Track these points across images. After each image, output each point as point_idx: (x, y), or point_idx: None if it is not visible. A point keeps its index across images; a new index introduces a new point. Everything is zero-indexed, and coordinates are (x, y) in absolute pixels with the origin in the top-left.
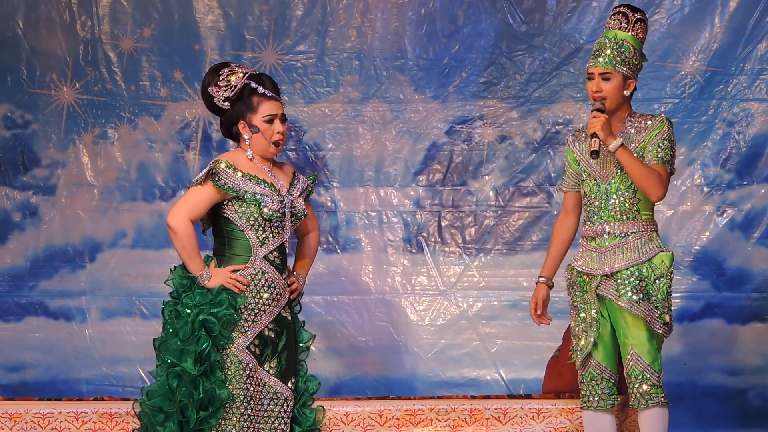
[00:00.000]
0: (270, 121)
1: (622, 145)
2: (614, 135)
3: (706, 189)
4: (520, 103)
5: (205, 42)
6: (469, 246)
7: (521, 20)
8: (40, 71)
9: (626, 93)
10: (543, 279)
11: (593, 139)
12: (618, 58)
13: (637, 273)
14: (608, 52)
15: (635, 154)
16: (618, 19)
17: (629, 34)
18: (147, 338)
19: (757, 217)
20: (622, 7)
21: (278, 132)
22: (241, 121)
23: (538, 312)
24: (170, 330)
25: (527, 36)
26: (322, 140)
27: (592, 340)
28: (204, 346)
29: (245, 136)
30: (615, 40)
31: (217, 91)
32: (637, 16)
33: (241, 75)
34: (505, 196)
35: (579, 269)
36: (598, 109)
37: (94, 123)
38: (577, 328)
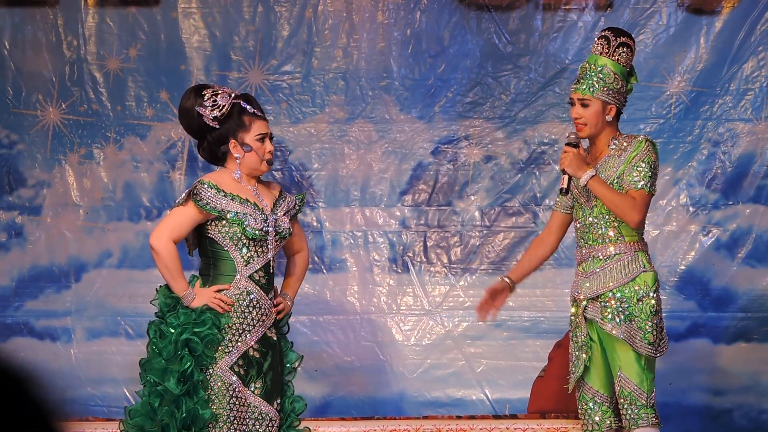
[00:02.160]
0: (261, 140)
1: (593, 176)
2: (584, 168)
3: (691, 209)
4: (505, 123)
5: (191, 62)
6: (455, 266)
7: (507, 40)
8: (25, 91)
9: (607, 118)
10: (506, 278)
11: (563, 176)
12: (597, 85)
13: (619, 295)
14: (588, 78)
15: (616, 177)
16: (601, 44)
17: (609, 59)
18: (133, 358)
19: (742, 236)
20: (606, 31)
21: (269, 151)
22: (233, 140)
23: (483, 299)
24: (154, 349)
25: (513, 56)
26: (308, 160)
27: (582, 363)
28: (187, 366)
29: (236, 156)
30: (595, 65)
31: (205, 111)
32: (620, 40)
33: (228, 95)
34: (491, 216)
35: (571, 293)
36: (569, 144)
37: (80, 143)
38: (572, 353)
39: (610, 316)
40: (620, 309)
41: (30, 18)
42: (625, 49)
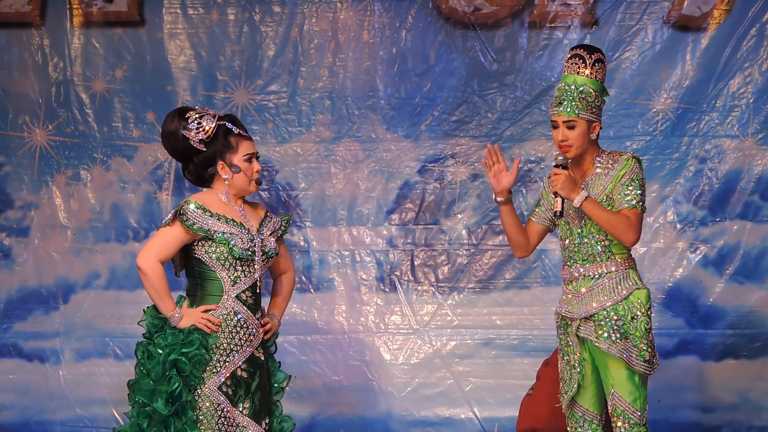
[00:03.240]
0: (249, 160)
1: (587, 198)
2: (577, 189)
3: (678, 226)
4: (492, 141)
5: (177, 83)
6: (443, 284)
7: (492, 59)
8: (12, 113)
9: (592, 136)
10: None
11: (556, 198)
12: (580, 105)
13: (613, 313)
14: (570, 99)
15: (605, 196)
16: (576, 63)
17: (588, 78)
18: (121, 379)
19: (730, 253)
20: (578, 50)
21: (257, 170)
22: (220, 162)
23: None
24: (142, 370)
25: (498, 74)
26: (295, 180)
27: (576, 383)
28: (175, 386)
29: (225, 177)
30: (575, 85)
31: (190, 134)
32: (595, 56)
33: (212, 117)
34: (478, 234)
35: (560, 313)
36: (558, 165)
37: (67, 164)
38: (563, 372)
39: (605, 334)
40: (615, 327)
41: (16, 39)
42: (600, 65)
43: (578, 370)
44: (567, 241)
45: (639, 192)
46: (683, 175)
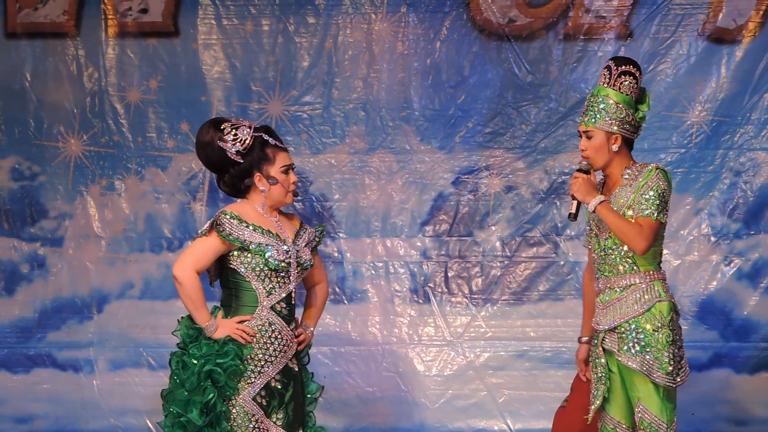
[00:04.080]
0: (286, 171)
1: (601, 202)
2: (593, 194)
3: (713, 239)
4: (526, 153)
5: (211, 93)
6: (476, 296)
7: (527, 70)
8: (47, 123)
9: (613, 148)
10: (584, 339)
11: (572, 201)
12: (598, 116)
13: (635, 326)
14: (590, 109)
15: (627, 206)
16: (604, 75)
17: (611, 89)
18: (155, 389)
19: (764, 266)
20: (609, 61)
21: (294, 182)
22: (257, 174)
23: (581, 372)
24: (177, 381)
25: (533, 86)
26: (329, 191)
27: (601, 394)
28: (210, 397)
29: (262, 188)
30: (598, 96)
31: (226, 145)
32: (622, 69)
33: (248, 128)
34: (512, 246)
35: (593, 324)
36: (579, 170)
37: (102, 174)
38: (593, 383)
39: (626, 347)
40: (636, 340)
41: (51, 50)
42: (627, 77)
43: (604, 381)
44: (595, 253)
45: (656, 202)
46: (718, 187)
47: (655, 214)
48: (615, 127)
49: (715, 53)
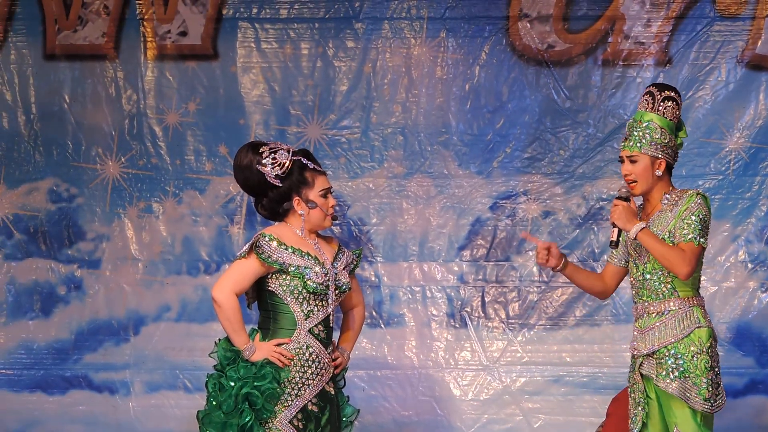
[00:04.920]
0: (325, 195)
1: (642, 229)
2: (634, 221)
3: (750, 265)
4: (564, 178)
5: (249, 117)
6: (513, 321)
7: (565, 96)
8: (85, 145)
9: (657, 173)
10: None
11: (613, 229)
12: (644, 140)
13: (673, 351)
14: (635, 134)
15: (668, 232)
16: (646, 100)
17: (655, 114)
18: (191, 411)
19: None
20: (651, 87)
21: (332, 205)
22: (296, 198)
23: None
24: (214, 403)
25: (571, 112)
26: (366, 215)
27: (640, 420)
28: (247, 420)
29: (301, 212)
30: (641, 121)
31: (265, 169)
32: (665, 94)
33: (286, 152)
34: (549, 271)
35: (629, 350)
36: (619, 197)
37: (139, 197)
38: (630, 408)
39: (664, 372)
40: (675, 365)
41: (90, 72)
42: (670, 102)
43: (642, 407)
44: (634, 278)
45: (698, 227)
46: (755, 214)
47: (698, 239)
48: (660, 152)
49: (754, 80)
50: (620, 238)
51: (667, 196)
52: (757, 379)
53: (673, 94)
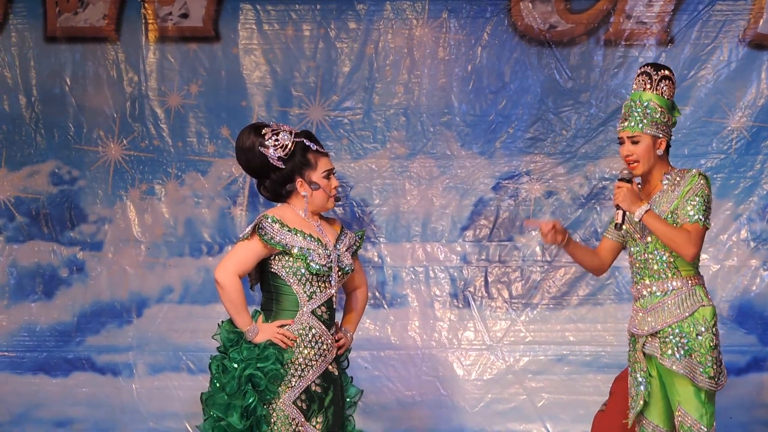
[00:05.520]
0: (327, 177)
1: (647, 211)
2: (638, 203)
3: (752, 244)
4: (566, 158)
5: (251, 98)
6: (516, 301)
7: (568, 76)
8: (87, 128)
9: (659, 152)
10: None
11: (617, 211)
12: (645, 120)
13: (678, 330)
14: (635, 115)
15: (670, 212)
16: (642, 80)
17: (654, 93)
18: (194, 393)
19: None
20: (646, 67)
21: (335, 186)
22: (299, 179)
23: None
24: (217, 384)
25: (574, 92)
26: (369, 196)
27: (641, 399)
28: (250, 401)
29: (303, 194)
30: (640, 101)
31: (268, 151)
32: (662, 74)
33: (288, 133)
34: (552, 251)
35: (629, 329)
36: (622, 179)
37: (141, 179)
38: (631, 388)
39: (669, 351)
40: (680, 344)
41: (91, 54)
42: (667, 82)
43: (644, 386)
44: (634, 258)
45: (702, 207)
46: (757, 193)
47: (703, 220)
48: (660, 132)
49: (756, 59)
50: (624, 220)
51: (667, 176)
52: (760, 357)
53: (668, 73)
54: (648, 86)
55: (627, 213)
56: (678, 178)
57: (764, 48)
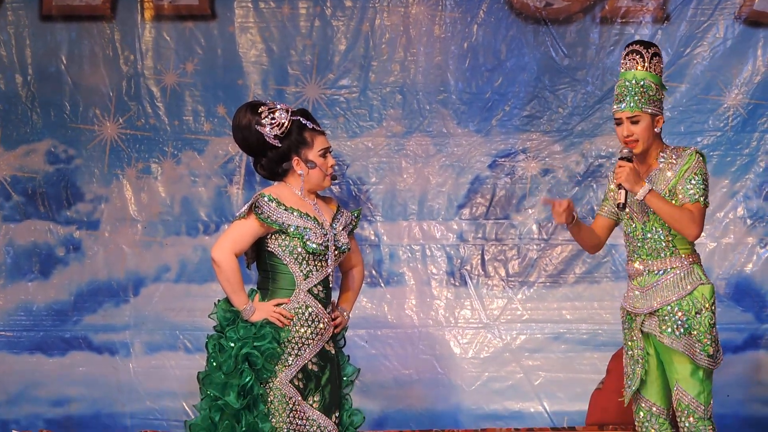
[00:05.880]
0: (324, 155)
1: (650, 191)
2: (640, 182)
3: (749, 221)
4: (563, 136)
5: (248, 77)
6: (513, 279)
7: (564, 54)
8: (83, 106)
9: (657, 130)
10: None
11: (619, 191)
12: (643, 99)
13: (677, 308)
14: (632, 94)
15: (668, 190)
16: (634, 59)
17: (648, 71)
18: (191, 372)
19: None
20: (634, 45)
21: (332, 165)
22: (295, 158)
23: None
24: (214, 364)
25: (570, 69)
26: (366, 174)
27: (638, 377)
28: (247, 380)
29: (300, 172)
30: (636, 81)
31: (264, 129)
32: (652, 51)
33: (285, 111)
34: (548, 229)
35: (625, 308)
36: (623, 158)
37: (138, 158)
38: (627, 366)
39: (669, 329)
40: (679, 322)
41: (87, 33)
42: (658, 58)
43: (641, 364)
44: (631, 236)
45: (702, 186)
46: (753, 170)
47: (703, 199)
48: (658, 109)
49: (752, 36)
50: (627, 200)
51: (663, 154)
52: (757, 335)
53: (657, 49)
54: (640, 65)
55: (628, 192)
56: (674, 157)
57: (760, 25)
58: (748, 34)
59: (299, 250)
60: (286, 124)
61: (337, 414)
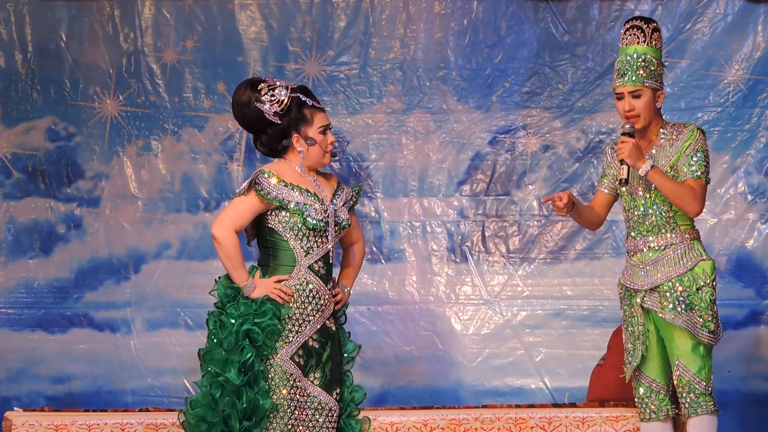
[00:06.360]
0: (324, 132)
1: (652, 167)
2: (643, 158)
3: (749, 197)
4: (563, 112)
5: (248, 53)
6: (513, 255)
7: (564, 30)
8: (83, 84)
9: (658, 105)
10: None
11: (622, 166)
12: (644, 73)
13: (678, 284)
14: (634, 68)
15: (669, 166)
16: (635, 34)
17: (648, 46)
18: (192, 349)
19: None
20: (634, 20)
21: (331, 142)
22: (295, 135)
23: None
24: (215, 340)
25: (570, 45)
26: (366, 151)
27: (639, 353)
28: (248, 356)
29: (299, 149)
30: (637, 55)
31: (264, 106)
32: (653, 26)
33: (285, 88)
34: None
35: (624, 284)
36: (625, 134)
37: (138, 135)
38: (627, 343)
39: (670, 305)
40: (681, 298)
41: (87, 10)
42: (657, 34)
43: (642, 341)
44: (631, 212)
45: (703, 163)
46: (754, 146)
47: (705, 176)
48: (659, 83)
49: (752, 12)
50: (630, 175)
51: (663, 130)
52: (758, 311)
53: (657, 25)
54: (641, 39)
55: (631, 168)
56: (675, 133)
57: (761, 0)
58: (749, 9)
59: (299, 226)
60: (285, 101)
61: (338, 390)
